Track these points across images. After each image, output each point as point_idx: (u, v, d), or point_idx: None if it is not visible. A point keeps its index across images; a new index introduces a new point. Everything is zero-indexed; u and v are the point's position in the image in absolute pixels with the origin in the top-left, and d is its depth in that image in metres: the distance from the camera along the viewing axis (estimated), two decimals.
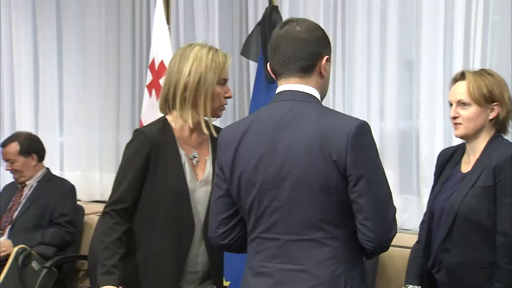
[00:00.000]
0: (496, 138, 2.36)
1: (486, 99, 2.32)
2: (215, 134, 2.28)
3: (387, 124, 3.43)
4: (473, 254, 2.30)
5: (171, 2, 3.64)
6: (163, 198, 2.23)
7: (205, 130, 2.27)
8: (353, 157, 1.74)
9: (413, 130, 3.39)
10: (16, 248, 3.58)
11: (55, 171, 4.60)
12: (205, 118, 2.27)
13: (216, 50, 2.27)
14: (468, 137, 2.37)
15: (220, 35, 4.01)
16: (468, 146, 2.39)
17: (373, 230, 1.77)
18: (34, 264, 3.61)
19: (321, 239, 1.79)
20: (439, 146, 3.14)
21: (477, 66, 3.14)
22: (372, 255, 1.89)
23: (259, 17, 3.43)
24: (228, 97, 2.31)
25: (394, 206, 1.82)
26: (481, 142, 2.35)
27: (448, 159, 2.47)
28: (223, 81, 2.27)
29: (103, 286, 2.15)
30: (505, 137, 2.40)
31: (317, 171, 1.76)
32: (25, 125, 4.62)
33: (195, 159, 2.30)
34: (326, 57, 1.87)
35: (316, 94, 1.86)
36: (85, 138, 4.55)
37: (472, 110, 2.32)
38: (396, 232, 1.82)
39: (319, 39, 1.87)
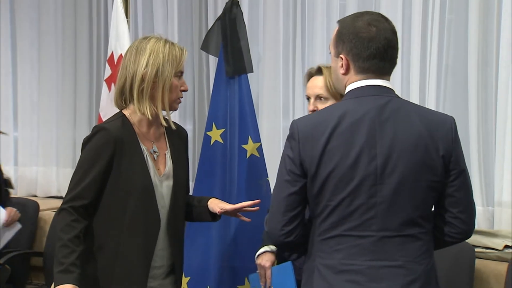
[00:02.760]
0: None
1: (341, 93, 2.38)
2: (173, 127, 2.30)
3: None
4: None
5: None
6: (129, 195, 2.21)
7: (164, 123, 2.26)
8: (456, 152, 1.80)
9: None
10: None
11: (10, 167, 4.53)
12: (163, 112, 2.26)
13: (172, 43, 2.27)
14: None
15: (180, 29, 4.02)
16: None
17: (467, 222, 1.84)
18: None
19: (416, 234, 1.80)
20: None
21: (434, 62, 3.25)
22: (445, 246, 1.94)
23: (219, 12, 3.42)
24: (184, 90, 2.30)
25: None
26: None
27: None
28: (179, 74, 2.27)
29: (61, 284, 2.09)
30: None
31: (425, 167, 1.77)
32: None
33: (155, 153, 2.30)
34: None
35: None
36: (41, 133, 4.50)
37: (329, 103, 2.37)
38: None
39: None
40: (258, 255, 2.49)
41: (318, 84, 2.41)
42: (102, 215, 2.22)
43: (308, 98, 2.45)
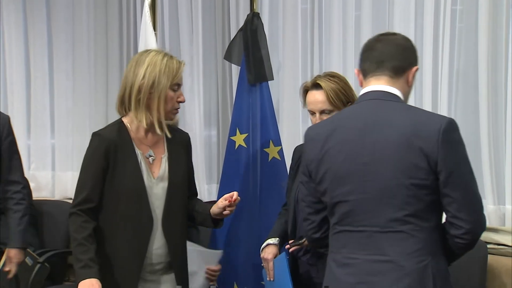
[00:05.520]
0: None
1: (343, 102, 2.46)
2: (168, 135, 2.36)
3: None
4: None
5: (157, 9, 3.70)
6: (121, 196, 2.29)
7: (159, 131, 2.34)
8: (444, 152, 1.78)
9: None
10: None
11: (47, 172, 4.66)
12: (167, 121, 2.36)
13: (171, 56, 2.35)
14: None
15: (204, 41, 4.09)
16: None
17: (468, 221, 1.80)
18: (28, 260, 3.55)
19: (409, 231, 1.81)
20: None
21: (445, 68, 3.30)
22: (459, 254, 1.89)
23: (241, 23, 3.52)
24: (181, 102, 2.37)
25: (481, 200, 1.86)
26: None
27: None
28: (176, 86, 2.34)
29: (85, 279, 2.20)
30: None
31: (409, 166, 1.79)
32: (17, 128, 4.52)
33: (151, 157, 2.37)
34: (416, 67, 1.95)
35: (401, 96, 1.92)
36: (76, 139, 4.59)
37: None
38: (485, 226, 1.85)
39: (413, 48, 1.97)
40: (262, 248, 2.60)
41: (319, 98, 2.48)
42: (100, 213, 2.32)
43: (313, 113, 2.52)
